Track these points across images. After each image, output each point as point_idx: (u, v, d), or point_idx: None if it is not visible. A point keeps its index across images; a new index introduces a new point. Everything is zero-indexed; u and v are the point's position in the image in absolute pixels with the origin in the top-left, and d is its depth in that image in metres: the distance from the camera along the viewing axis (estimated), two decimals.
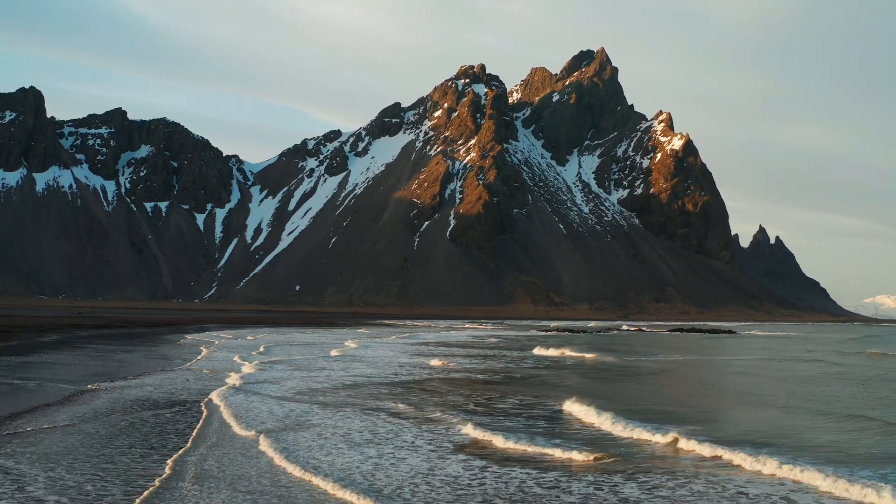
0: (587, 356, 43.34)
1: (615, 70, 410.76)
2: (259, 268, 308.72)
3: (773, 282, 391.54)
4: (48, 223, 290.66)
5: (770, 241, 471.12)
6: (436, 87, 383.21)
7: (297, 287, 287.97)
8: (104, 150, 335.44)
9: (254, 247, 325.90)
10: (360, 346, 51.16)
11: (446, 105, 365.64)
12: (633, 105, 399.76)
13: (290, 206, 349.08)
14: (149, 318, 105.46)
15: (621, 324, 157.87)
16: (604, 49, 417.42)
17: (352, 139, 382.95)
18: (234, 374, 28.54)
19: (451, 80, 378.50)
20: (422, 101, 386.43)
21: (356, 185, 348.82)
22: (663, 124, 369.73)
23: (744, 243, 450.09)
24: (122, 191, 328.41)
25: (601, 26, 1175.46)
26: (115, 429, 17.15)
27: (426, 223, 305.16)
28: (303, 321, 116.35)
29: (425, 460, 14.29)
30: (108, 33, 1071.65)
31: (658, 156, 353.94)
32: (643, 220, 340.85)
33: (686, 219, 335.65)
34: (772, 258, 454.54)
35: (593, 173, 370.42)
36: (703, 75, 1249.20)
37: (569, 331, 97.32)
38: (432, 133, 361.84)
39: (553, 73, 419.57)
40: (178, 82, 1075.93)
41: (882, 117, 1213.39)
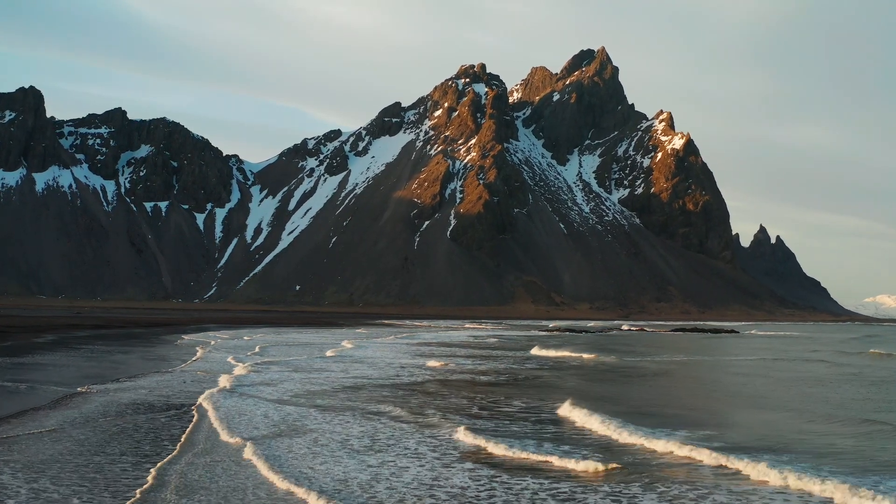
0: (589, 357, 42.71)
1: (616, 69, 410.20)
2: (259, 268, 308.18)
3: (773, 281, 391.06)
4: (48, 223, 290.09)
5: (771, 241, 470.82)
6: (436, 87, 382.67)
7: (298, 287, 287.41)
8: (104, 149, 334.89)
9: (254, 247, 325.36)
10: (356, 346, 50.48)
11: (447, 104, 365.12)
12: (633, 104, 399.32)
13: (291, 206, 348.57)
14: (147, 318, 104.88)
15: (621, 324, 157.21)
16: (604, 48, 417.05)
17: (352, 139, 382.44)
18: (227, 376, 27.87)
19: (451, 79, 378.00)
20: (422, 101, 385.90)
21: (356, 184, 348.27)
22: (664, 124, 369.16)
23: (744, 243, 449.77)
24: (122, 191, 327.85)
25: (601, 26, 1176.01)
26: (106, 434, 16.52)
27: (426, 223, 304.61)
28: (302, 321, 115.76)
29: (429, 469, 13.60)
30: (107, 33, 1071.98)
31: (659, 155, 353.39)
32: (644, 219, 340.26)
33: (687, 218, 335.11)
34: (772, 258, 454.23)
35: (594, 173, 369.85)
36: (703, 75, 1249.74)
37: (569, 331, 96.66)
38: (433, 133, 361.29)
39: (553, 73, 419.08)
40: (178, 82, 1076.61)
41: (882, 117, 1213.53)
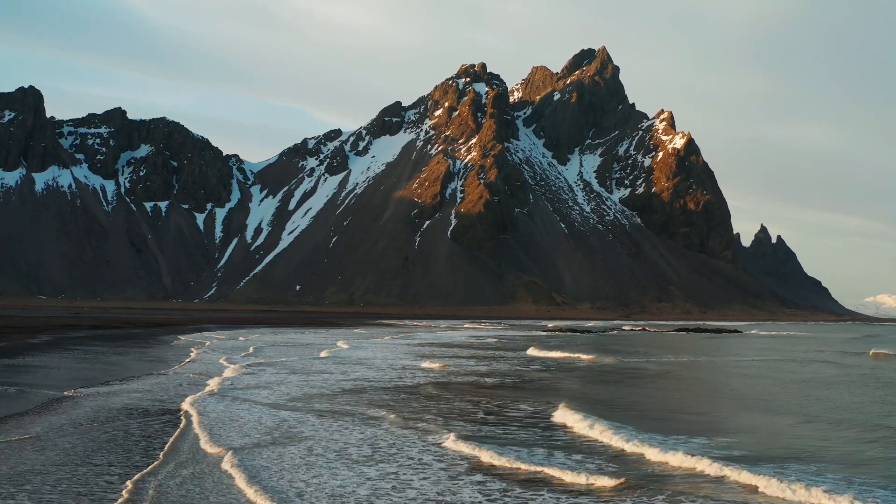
0: (592, 358, 41.98)
1: (616, 69, 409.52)
2: (259, 268, 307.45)
3: (774, 281, 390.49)
4: (47, 223, 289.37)
5: (772, 241, 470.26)
6: (436, 86, 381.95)
7: (298, 287, 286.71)
8: (104, 149, 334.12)
9: (254, 246, 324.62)
10: (352, 347, 49.73)
11: (447, 104, 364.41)
12: (634, 104, 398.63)
13: (291, 206, 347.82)
14: (146, 318, 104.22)
15: (622, 324, 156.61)
16: (605, 48, 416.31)
17: (352, 138, 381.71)
18: (219, 379, 27.09)
19: (451, 78, 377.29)
20: (422, 100, 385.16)
21: (357, 184, 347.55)
22: (665, 123, 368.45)
23: (745, 242, 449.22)
24: (122, 190, 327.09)
25: (602, 25, 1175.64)
26: (95, 443, 15.67)
27: (427, 222, 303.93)
28: (302, 321, 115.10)
29: (434, 482, 12.72)
30: (107, 33, 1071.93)
31: (660, 155, 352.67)
32: (645, 219, 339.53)
33: (688, 218, 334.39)
34: (773, 257, 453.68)
35: (595, 172, 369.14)
36: (704, 74, 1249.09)
37: (570, 331, 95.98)
38: (433, 132, 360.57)
39: (554, 72, 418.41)
40: (178, 82, 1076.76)
41: (882, 116, 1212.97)
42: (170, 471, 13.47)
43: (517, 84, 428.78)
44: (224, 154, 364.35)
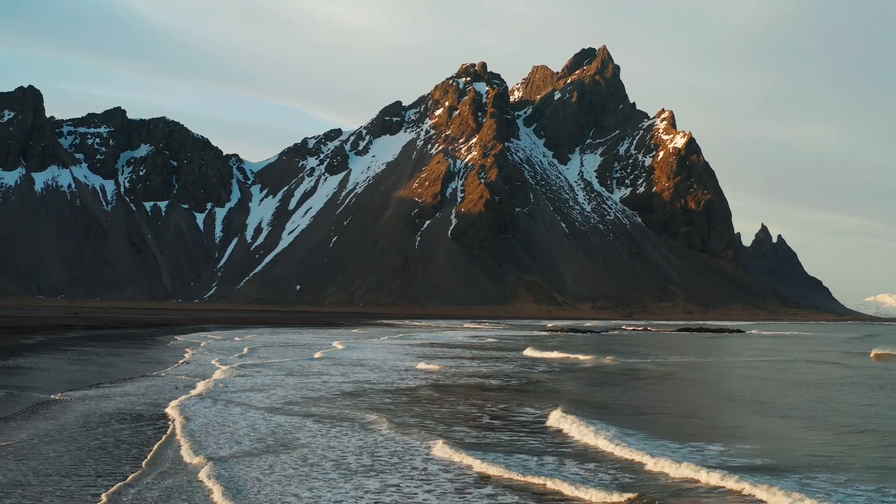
0: (595, 360, 41.15)
1: (617, 68, 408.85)
2: (259, 267, 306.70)
3: (775, 280, 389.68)
4: (47, 223, 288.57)
5: (772, 240, 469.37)
6: (437, 86, 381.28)
7: (298, 287, 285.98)
8: (103, 149, 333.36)
9: (254, 246, 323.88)
10: (347, 347, 48.93)
11: (447, 103, 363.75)
12: (635, 103, 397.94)
13: (291, 206, 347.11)
14: (145, 318, 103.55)
15: (623, 323, 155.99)
16: (605, 47, 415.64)
17: (352, 138, 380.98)
18: (208, 382, 26.23)
19: (452, 78, 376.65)
20: (423, 100, 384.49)
21: (357, 184, 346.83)
22: (665, 122, 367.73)
23: (746, 242, 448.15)
24: (122, 190, 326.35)
25: (603, 24, 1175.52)
26: (83, 451, 14.81)
27: (427, 222, 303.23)
28: (302, 321, 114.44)
29: (440, 496, 11.83)
30: (107, 33, 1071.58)
31: (660, 154, 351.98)
32: (646, 218, 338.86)
33: (689, 217, 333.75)
34: (774, 257, 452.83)
35: (595, 172, 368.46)
36: (705, 74, 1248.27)
37: (570, 331, 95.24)
38: (433, 132, 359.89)
39: (554, 72, 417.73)
40: (178, 82, 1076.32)
41: (883, 116, 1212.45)
42: (149, 482, 12.63)
43: (518, 83, 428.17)
44: (224, 154, 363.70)
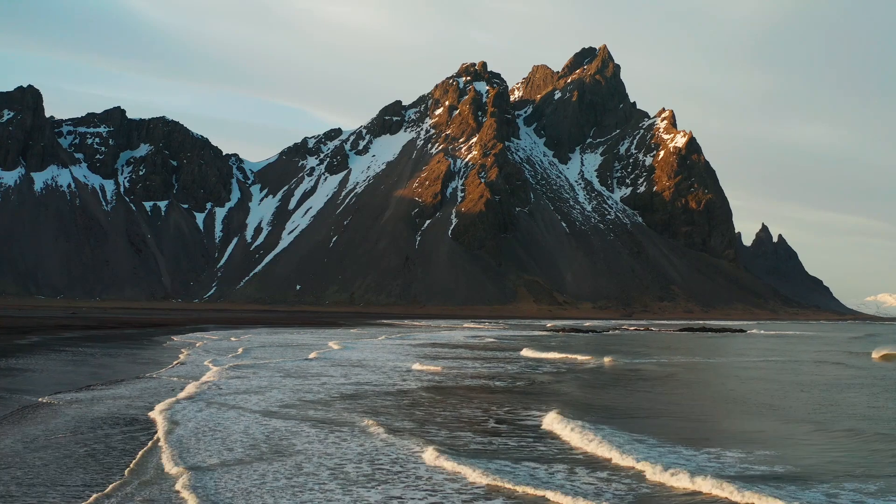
0: (599, 360, 40.39)
1: (617, 67, 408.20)
2: (259, 267, 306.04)
3: (775, 280, 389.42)
4: (46, 223, 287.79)
5: (773, 240, 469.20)
6: (437, 85, 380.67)
7: (298, 287, 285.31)
8: (103, 149, 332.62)
9: (254, 246, 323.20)
10: (346, 347, 48.16)
11: (447, 103, 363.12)
12: (635, 102, 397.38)
13: (291, 205, 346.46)
14: (144, 318, 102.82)
15: (624, 323, 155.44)
16: (605, 46, 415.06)
17: (352, 137, 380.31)
18: (201, 383, 25.47)
19: (452, 77, 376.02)
20: (423, 99, 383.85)
21: (357, 183, 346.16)
22: (666, 122, 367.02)
23: (746, 242, 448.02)
24: (121, 190, 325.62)
25: (603, 24, 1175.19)
26: (71, 459, 13.99)
27: (427, 222, 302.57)
28: (302, 321, 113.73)
29: None
30: (107, 33, 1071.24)
31: (661, 153, 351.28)
32: (646, 218, 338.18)
33: (690, 217, 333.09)
34: (775, 256, 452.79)
35: (596, 171, 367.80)
36: (705, 73, 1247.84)
37: (571, 331, 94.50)
38: (433, 131, 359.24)
39: (555, 71, 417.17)
40: (178, 82, 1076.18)
41: (884, 116, 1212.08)
42: (130, 492, 11.86)
43: (518, 83, 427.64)
44: (224, 153, 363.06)
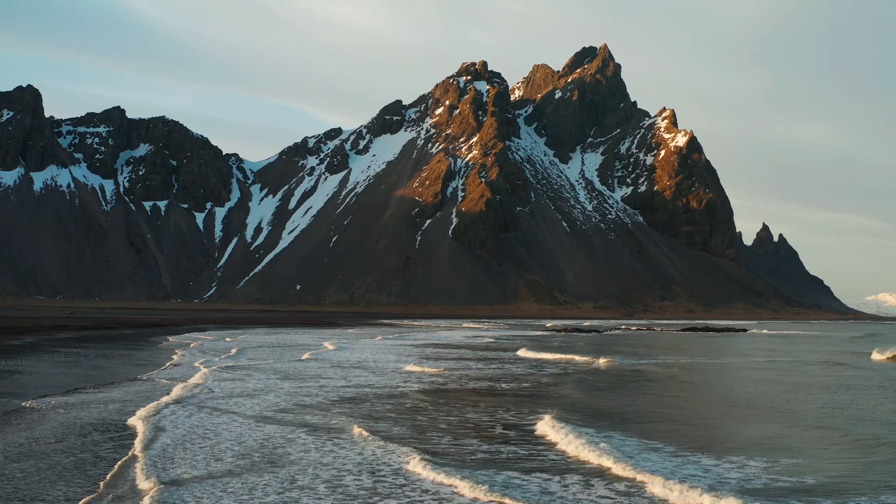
0: (600, 361, 39.44)
1: (618, 67, 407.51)
2: (259, 267, 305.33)
3: (776, 280, 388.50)
4: (46, 223, 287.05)
5: (773, 239, 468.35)
6: (437, 85, 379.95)
7: (298, 286, 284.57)
8: (102, 148, 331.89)
9: (254, 246, 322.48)
10: (346, 348, 47.31)
11: (448, 102, 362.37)
12: (636, 102, 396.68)
13: (291, 205, 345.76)
14: (142, 318, 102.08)
15: (625, 322, 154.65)
16: (606, 46, 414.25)
17: (353, 137, 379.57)
18: (193, 386, 24.63)
19: (452, 77, 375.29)
20: (423, 99, 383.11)
21: (357, 183, 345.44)
22: (667, 121, 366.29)
23: (747, 241, 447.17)
24: (121, 190, 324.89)
25: (603, 23, 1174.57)
26: (54, 471, 13.00)
27: (428, 221, 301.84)
28: (301, 321, 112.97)
29: None
30: (107, 33, 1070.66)
31: (662, 153, 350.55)
32: (647, 217, 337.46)
33: (691, 216, 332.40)
34: (775, 256, 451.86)
35: (596, 171, 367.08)
36: (706, 72, 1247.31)
37: (573, 330, 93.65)
38: (434, 131, 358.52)
39: (555, 70, 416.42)
40: (178, 82, 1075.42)
41: (885, 115, 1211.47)
42: None
43: (518, 82, 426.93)
44: (224, 153, 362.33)
